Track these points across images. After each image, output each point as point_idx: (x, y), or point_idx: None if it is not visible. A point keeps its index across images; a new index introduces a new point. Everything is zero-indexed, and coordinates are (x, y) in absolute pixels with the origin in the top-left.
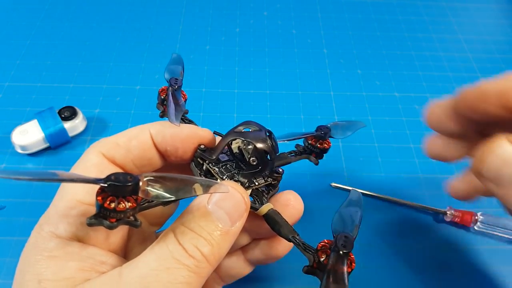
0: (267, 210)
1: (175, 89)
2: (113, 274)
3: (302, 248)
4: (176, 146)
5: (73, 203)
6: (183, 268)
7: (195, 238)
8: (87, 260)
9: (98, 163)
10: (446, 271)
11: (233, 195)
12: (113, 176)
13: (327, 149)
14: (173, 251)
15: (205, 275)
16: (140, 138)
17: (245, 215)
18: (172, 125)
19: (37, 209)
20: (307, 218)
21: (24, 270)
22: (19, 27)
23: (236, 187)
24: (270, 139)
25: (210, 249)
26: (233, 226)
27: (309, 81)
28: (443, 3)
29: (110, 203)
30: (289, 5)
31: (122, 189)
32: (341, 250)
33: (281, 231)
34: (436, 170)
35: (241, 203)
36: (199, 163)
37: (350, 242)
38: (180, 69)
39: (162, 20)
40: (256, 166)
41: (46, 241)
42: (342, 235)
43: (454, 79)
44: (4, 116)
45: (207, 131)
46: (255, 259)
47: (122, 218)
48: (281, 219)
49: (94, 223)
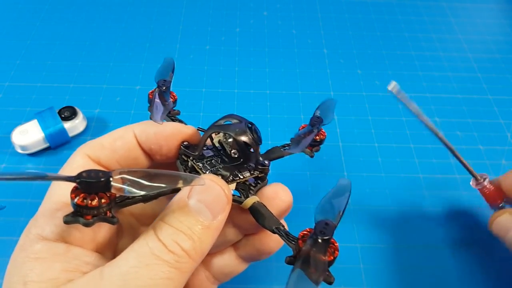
0: (251, 203)
1: (162, 90)
2: (95, 274)
3: (286, 239)
4: (160, 144)
5: (59, 205)
6: (163, 264)
7: (175, 234)
8: (72, 261)
9: (83, 164)
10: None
11: (213, 188)
12: (84, 173)
13: (323, 140)
14: (152, 248)
15: (187, 270)
16: (125, 138)
17: (227, 208)
18: (155, 124)
19: (37, 209)
20: (307, 218)
21: (11, 272)
22: (19, 27)
23: (215, 179)
24: (251, 130)
25: (191, 244)
26: (214, 220)
27: (309, 81)
28: (443, 3)
29: (83, 200)
30: (289, 5)
31: (94, 185)
32: (320, 237)
33: (265, 223)
34: (436, 170)
35: (221, 196)
36: (184, 160)
37: (330, 229)
38: (170, 72)
39: (162, 20)
40: (238, 159)
41: (32, 243)
42: (323, 222)
43: (454, 79)
44: (4, 116)
45: (190, 127)
46: (247, 256)
47: (96, 215)
48: (266, 211)
49: (70, 220)
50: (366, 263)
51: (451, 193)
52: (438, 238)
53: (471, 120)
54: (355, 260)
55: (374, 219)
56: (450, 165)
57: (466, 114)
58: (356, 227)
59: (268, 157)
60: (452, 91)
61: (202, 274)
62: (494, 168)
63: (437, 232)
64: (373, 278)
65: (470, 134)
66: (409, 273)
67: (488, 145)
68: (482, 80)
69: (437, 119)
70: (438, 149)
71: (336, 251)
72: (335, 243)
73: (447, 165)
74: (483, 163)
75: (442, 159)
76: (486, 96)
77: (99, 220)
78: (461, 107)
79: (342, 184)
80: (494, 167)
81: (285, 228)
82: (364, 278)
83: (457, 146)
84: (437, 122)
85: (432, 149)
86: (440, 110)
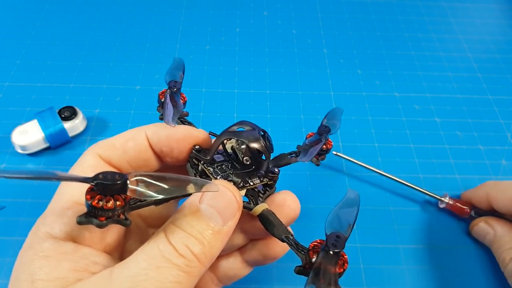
0: (261, 210)
1: (173, 91)
2: (104, 275)
3: (295, 249)
4: (171, 147)
5: (70, 204)
6: (173, 267)
7: (186, 237)
8: (80, 260)
9: (94, 164)
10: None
11: (225, 194)
12: (101, 175)
13: (330, 149)
14: (163, 250)
15: (196, 274)
16: (136, 140)
17: (237, 214)
18: (167, 126)
19: (37, 209)
20: (307, 219)
21: (19, 270)
22: (19, 27)
23: (227, 186)
24: (263, 138)
25: (201, 248)
26: (225, 225)
27: (309, 81)
28: (443, 3)
29: (98, 202)
30: (289, 5)
31: (110, 188)
32: (332, 250)
33: (274, 231)
34: (436, 170)
35: (233, 202)
36: (194, 164)
37: (342, 241)
38: (180, 73)
39: (162, 20)
40: (250, 166)
41: (41, 241)
42: (334, 235)
43: (454, 79)
44: (4, 116)
45: (202, 131)
46: (253, 260)
47: (111, 217)
48: (275, 219)
49: (84, 221)
50: (366, 263)
51: (451, 193)
52: (438, 238)
53: (471, 120)
54: (355, 260)
55: (374, 219)
56: (450, 165)
57: (466, 114)
58: (356, 227)
59: (277, 164)
60: (452, 91)
61: (206, 276)
62: (494, 168)
63: (437, 232)
64: (373, 278)
65: (470, 134)
66: (409, 273)
67: (488, 145)
68: (482, 80)
69: (437, 119)
70: (438, 149)
71: (346, 263)
72: (345, 256)
73: (447, 165)
74: (483, 163)
75: (442, 159)
76: (486, 96)
77: (113, 222)
78: (461, 107)
79: (350, 196)
80: (494, 167)
81: (293, 237)
82: (364, 278)
83: (457, 146)
84: (437, 122)
85: (432, 149)
86: (440, 110)
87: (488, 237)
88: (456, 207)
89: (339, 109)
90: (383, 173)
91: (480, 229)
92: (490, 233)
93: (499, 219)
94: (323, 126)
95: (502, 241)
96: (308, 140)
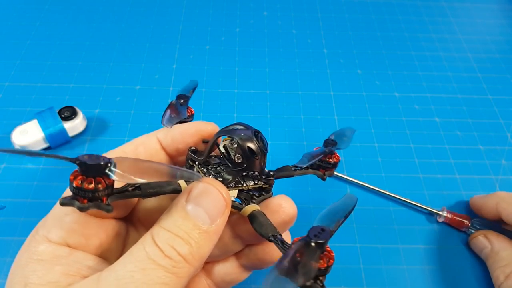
0: (251, 210)
1: (180, 103)
2: (93, 278)
3: (281, 247)
4: (187, 142)
5: (69, 210)
6: (159, 269)
7: (172, 238)
8: (73, 264)
9: None
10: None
11: (211, 192)
12: (86, 156)
13: (337, 163)
14: (149, 252)
15: (184, 275)
16: (147, 144)
17: (226, 212)
18: (177, 126)
19: (37, 209)
20: (307, 218)
21: (14, 272)
22: (19, 27)
23: (214, 183)
24: (256, 138)
25: (189, 249)
26: (213, 224)
27: (309, 81)
28: (443, 3)
29: (80, 182)
30: (289, 5)
31: (92, 168)
32: (314, 241)
33: (262, 231)
34: (436, 170)
35: (220, 200)
36: (190, 165)
37: (326, 234)
38: (191, 90)
39: (162, 20)
40: (241, 164)
41: (37, 244)
42: (319, 227)
43: (454, 79)
44: (4, 116)
45: (212, 124)
46: (250, 265)
47: (92, 199)
48: (264, 219)
49: (66, 203)
50: (366, 263)
51: (451, 193)
52: (438, 238)
53: (471, 120)
54: (355, 260)
55: (374, 219)
56: (450, 165)
57: (466, 114)
58: (356, 227)
59: (278, 175)
60: (452, 91)
61: (203, 281)
62: (494, 168)
63: (437, 232)
64: (373, 278)
65: (470, 134)
66: (409, 273)
67: (488, 145)
68: (482, 80)
69: (437, 119)
70: (438, 149)
71: (332, 259)
72: (331, 252)
73: (447, 165)
74: (483, 163)
75: (442, 159)
76: (486, 96)
77: (94, 207)
78: (461, 107)
79: (347, 199)
80: (494, 167)
81: (281, 236)
82: (364, 278)
83: (457, 146)
84: (437, 122)
85: (432, 149)
86: (440, 110)
87: (485, 251)
88: (454, 220)
89: (351, 128)
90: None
91: (478, 242)
92: (487, 247)
93: (499, 234)
94: (330, 139)
95: (498, 257)
96: (314, 151)
